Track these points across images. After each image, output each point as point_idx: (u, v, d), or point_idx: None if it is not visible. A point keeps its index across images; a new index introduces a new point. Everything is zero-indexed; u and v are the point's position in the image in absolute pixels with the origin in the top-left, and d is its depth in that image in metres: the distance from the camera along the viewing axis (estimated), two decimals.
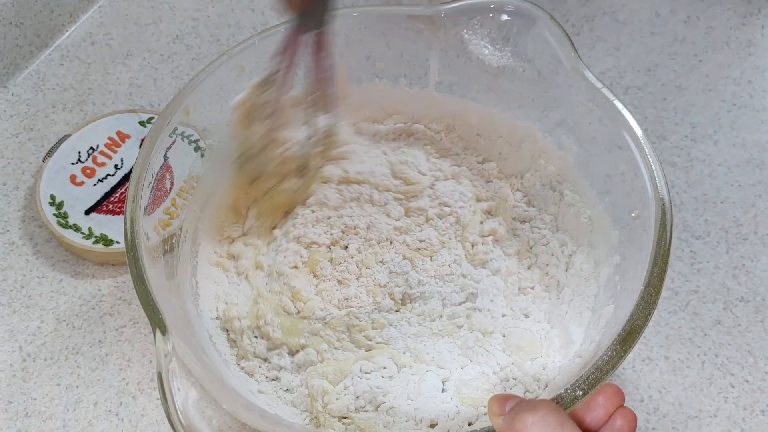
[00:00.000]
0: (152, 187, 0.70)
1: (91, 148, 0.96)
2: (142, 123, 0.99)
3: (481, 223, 0.85)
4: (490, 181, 0.89)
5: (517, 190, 0.88)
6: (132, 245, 0.64)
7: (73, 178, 0.93)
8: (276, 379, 0.76)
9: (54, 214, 0.90)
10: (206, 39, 1.13)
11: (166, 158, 0.73)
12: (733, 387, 0.82)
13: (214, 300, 0.80)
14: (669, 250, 0.64)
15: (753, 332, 0.86)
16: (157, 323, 0.59)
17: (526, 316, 0.79)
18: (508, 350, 0.76)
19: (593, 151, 0.77)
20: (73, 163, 0.95)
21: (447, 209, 0.85)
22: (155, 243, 0.69)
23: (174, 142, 0.74)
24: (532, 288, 0.81)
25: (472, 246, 0.84)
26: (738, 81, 1.09)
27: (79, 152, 0.96)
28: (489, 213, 0.87)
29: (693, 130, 1.03)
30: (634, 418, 0.58)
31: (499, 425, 0.55)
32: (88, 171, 0.94)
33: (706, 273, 0.90)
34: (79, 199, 0.92)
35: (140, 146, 0.81)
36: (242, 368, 0.77)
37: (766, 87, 1.08)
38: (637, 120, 0.70)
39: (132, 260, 0.63)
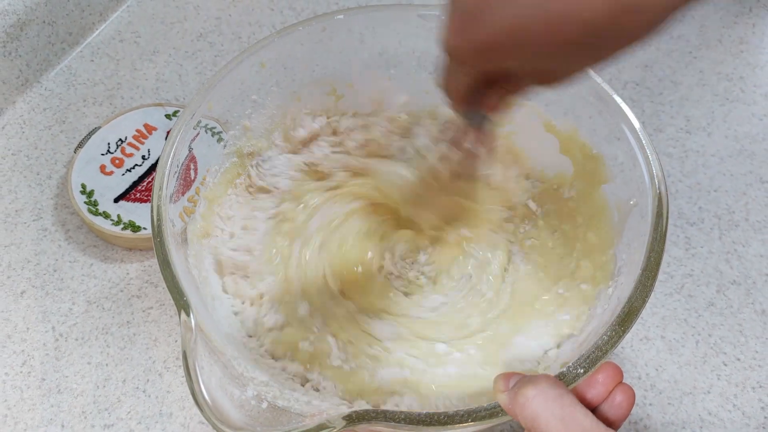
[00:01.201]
0: (177, 177, 0.70)
1: (120, 139, 0.96)
2: (167, 116, 0.99)
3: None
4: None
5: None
6: (158, 231, 0.64)
7: (102, 168, 0.93)
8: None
9: (85, 202, 0.90)
10: (228, 37, 1.13)
11: (190, 149, 0.73)
12: (725, 365, 0.82)
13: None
14: (665, 236, 0.63)
15: (744, 313, 0.86)
16: (182, 305, 0.59)
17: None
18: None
19: (594, 142, 0.76)
20: (102, 154, 0.94)
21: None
22: (180, 229, 0.69)
23: (198, 134, 0.74)
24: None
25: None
26: (730, 76, 1.09)
27: (109, 144, 0.95)
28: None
29: (688, 123, 1.03)
30: (633, 394, 0.58)
31: (503, 401, 0.55)
32: (117, 161, 0.94)
33: (700, 257, 0.90)
34: (109, 187, 0.92)
35: (166, 138, 0.81)
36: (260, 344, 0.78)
37: (757, 82, 1.08)
38: (635, 113, 0.70)
39: (158, 245, 0.63)
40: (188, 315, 0.58)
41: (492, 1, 0.46)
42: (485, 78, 0.56)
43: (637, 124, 0.69)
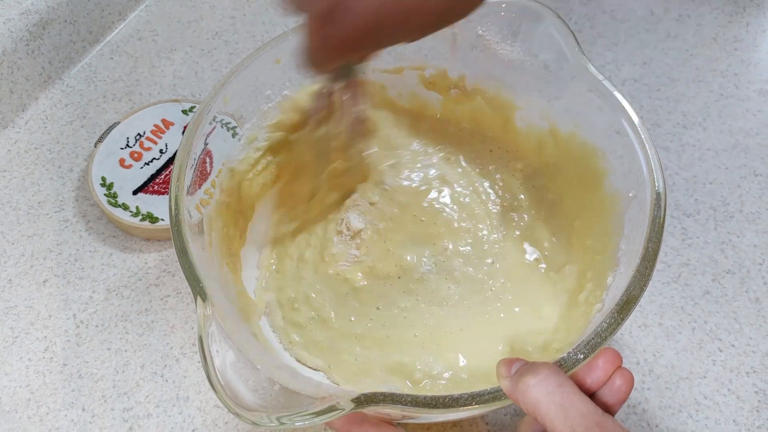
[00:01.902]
0: (194, 170, 0.70)
1: (138, 134, 0.96)
2: (184, 111, 0.99)
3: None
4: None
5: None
6: (176, 221, 0.64)
7: (122, 162, 0.93)
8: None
9: (105, 194, 0.90)
10: (243, 35, 1.13)
11: (206, 143, 0.73)
12: (720, 351, 0.82)
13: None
14: (663, 226, 0.63)
15: (739, 301, 0.86)
16: (198, 291, 0.59)
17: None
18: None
19: (594, 136, 0.76)
20: (122, 148, 0.94)
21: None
22: (196, 220, 0.69)
23: (214, 128, 0.74)
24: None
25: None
26: (725, 73, 1.09)
27: (128, 138, 0.96)
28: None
29: (684, 118, 1.03)
30: (632, 378, 0.58)
31: (506, 386, 0.55)
32: (136, 155, 0.94)
33: (696, 248, 0.90)
34: (128, 180, 0.92)
35: (183, 133, 0.81)
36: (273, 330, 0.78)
37: (751, 79, 1.08)
38: (634, 108, 0.70)
39: (176, 235, 0.63)
40: (204, 301, 0.58)
41: (344, 4, 0.54)
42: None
43: (636, 119, 0.69)
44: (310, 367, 0.75)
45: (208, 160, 0.74)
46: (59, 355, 0.82)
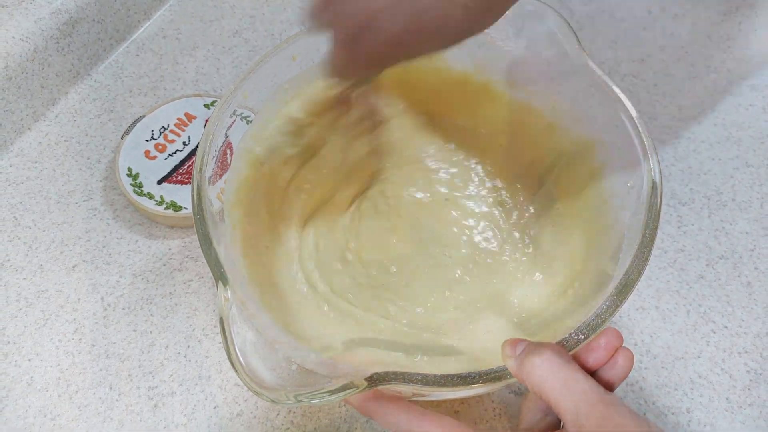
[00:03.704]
0: (215, 160, 0.69)
1: (163, 127, 0.96)
2: (206, 105, 0.98)
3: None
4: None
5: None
6: (198, 209, 0.64)
7: (147, 153, 0.93)
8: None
9: (131, 184, 0.90)
10: (262, 33, 1.13)
11: (227, 136, 0.72)
12: (714, 332, 0.82)
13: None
14: (659, 214, 0.63)
15: (731, 285, 0.86)
16: (219, 276, 0.59)
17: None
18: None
19: (594, 129, 0.76)
20: (147, 140, 0.94)
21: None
22: (218, 208, 0.68)
23: (234, 121, 0.73)
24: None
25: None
26: (718, 69, 1.08)
27: (152, 131, 0.95)
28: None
29: (680, 112, 1.03)
30: (632, 356, 0.58)
31: (511, 366, 0.55)
32: (160, 147, 0.94)
33: (691, 234, 0.90)
34: (153, 171, 0.91)
35: (205, 125, 0.81)
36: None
37: (743, 74, 1.07)
38: (632, 103, 0.70)
39: (198, 222, 0.63)
40: (225, 285, 0.58)
41: (371, 23, 0.55)
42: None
43: (634, 113, 0.69)
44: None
45: (228, 152, 0.74)
46: (88, 337, 0.82)
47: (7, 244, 0.89)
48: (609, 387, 0.57)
